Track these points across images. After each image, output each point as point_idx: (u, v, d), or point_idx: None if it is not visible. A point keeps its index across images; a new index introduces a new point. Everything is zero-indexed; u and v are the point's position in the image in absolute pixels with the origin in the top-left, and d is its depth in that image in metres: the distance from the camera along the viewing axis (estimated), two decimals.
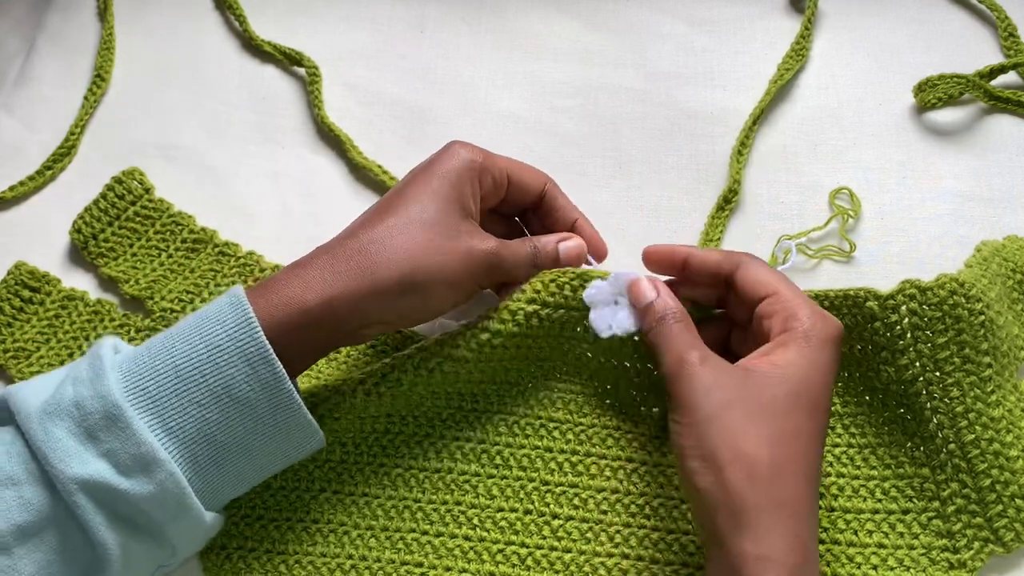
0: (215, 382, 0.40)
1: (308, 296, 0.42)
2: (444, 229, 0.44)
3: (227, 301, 0.41)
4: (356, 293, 0.42)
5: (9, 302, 0.55)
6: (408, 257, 0.43)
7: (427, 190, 0.45)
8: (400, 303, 0.43)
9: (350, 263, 0.43)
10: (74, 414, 0.39)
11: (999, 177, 0.58)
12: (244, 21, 0.67)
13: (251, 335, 0.40)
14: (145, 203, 0.58)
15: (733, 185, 0.57)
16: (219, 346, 0.40)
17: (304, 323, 0.42)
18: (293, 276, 0.43)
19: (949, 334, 0.46)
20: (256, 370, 0.40)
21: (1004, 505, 0.45)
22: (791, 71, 0.61)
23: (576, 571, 0.46)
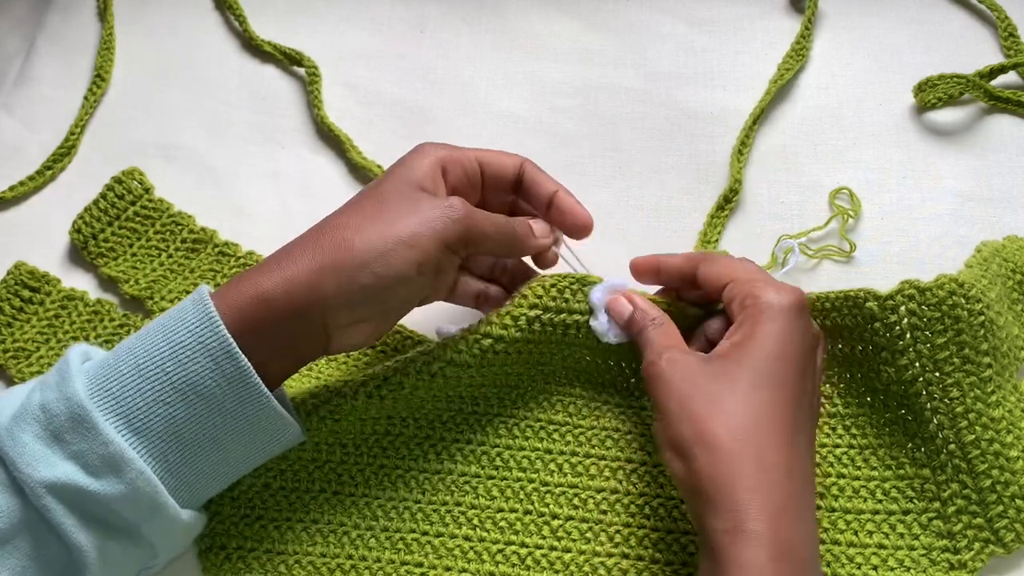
0: (179, 379, 0.39)
1: (265, 282, 0.41)
2: (407, 203, 0.44)
3: (191, 298, 0.41)
4: (312, 271, 0.41)
5: (9, 302, 0.55)
6: (369, 233, 0.42)
7: (388, 179, 0.45)
8: (360, 275, 0.41)
9: (308, 245, 0.42)
10: (40, 418, 0.39)
11: (999, 177, 0.58)
12: (244, 21, 0.67)
13: (212, 329, 0.40)
14: (145, 203, 0.58)
15: (734, 184, 0.57)
16: (181, 343, 0.40)
17: (265, 311, 0.41)
18: (252, 268, 0.42)
19: (948, 334, 0.46)
20: (220, 365, 0.40)
21: (1004, 506, 0.45)
22: (791, 71, 0.61)
23: (576, 571, 0.46)
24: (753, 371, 0.41)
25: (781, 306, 0.43)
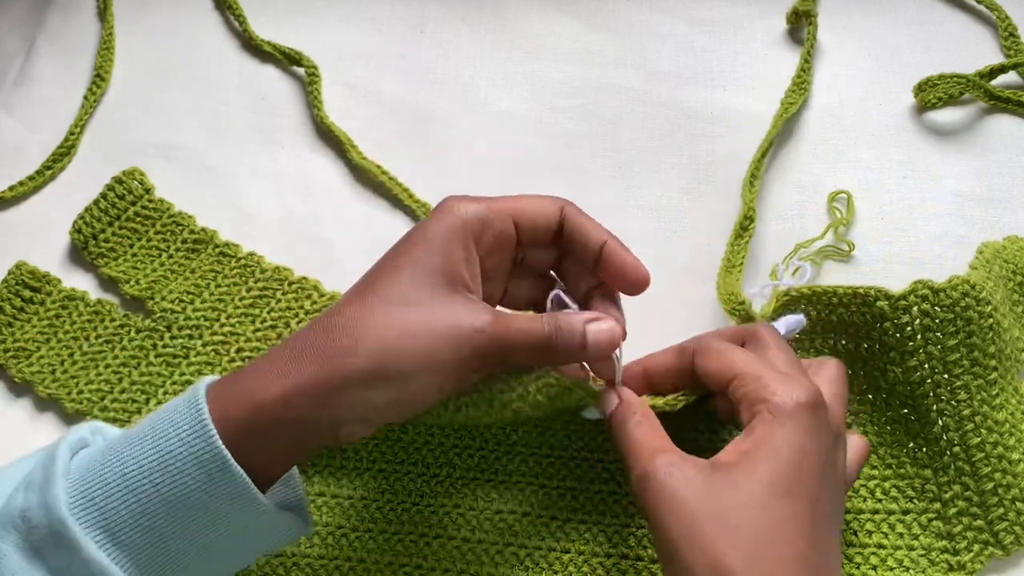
0: (168, 492, 0.36)
1: (263, 392, 0.37)
2: (426, 305, 0.38)
3: (185, 401, 0.37)
4: (317, 385, 0.37)
5: (10, 302, 0.55)
6: (379, 340, 0.37)
7: (408, 260, 0.39)
8: (373, 395, 0.37)
9: (312, 350, 0.37)
10: (20, 526, 0.36)
11: (999, 177, 0.58)
12: (244, 21, 0.67)
13: (206, 439, 0.36)
14: (145, 203, 0.59)
15: (748, 212, 0.55)
16: (171, 452, 0.36)
17: (263, 422, 0.37)
18: (253, 367, 0.38)
19: (960, 336, 0.46)
20: (213, 477, 0.36)
21: (1005, 508, 0.45)
22: (795, 105, 0.60)
23: (575, 572, 0.46)
24: (766, 484, 0.36)
25: (796, 407, 0.37)
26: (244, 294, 0.55)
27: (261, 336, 0.54)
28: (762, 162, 0.58)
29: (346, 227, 0.59)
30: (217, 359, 0.53)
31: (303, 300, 0.55)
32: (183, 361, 0.53)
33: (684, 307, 0.55)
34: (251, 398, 0.37)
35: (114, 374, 0.53)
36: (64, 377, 0.53)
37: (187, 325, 0.54)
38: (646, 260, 0.56)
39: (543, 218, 0.42)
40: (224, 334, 0.54)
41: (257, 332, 0.54)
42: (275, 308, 0.55)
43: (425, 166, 0.61)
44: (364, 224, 0.59)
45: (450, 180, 0.61)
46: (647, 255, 0.56)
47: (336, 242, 0.59)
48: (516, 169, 0.61)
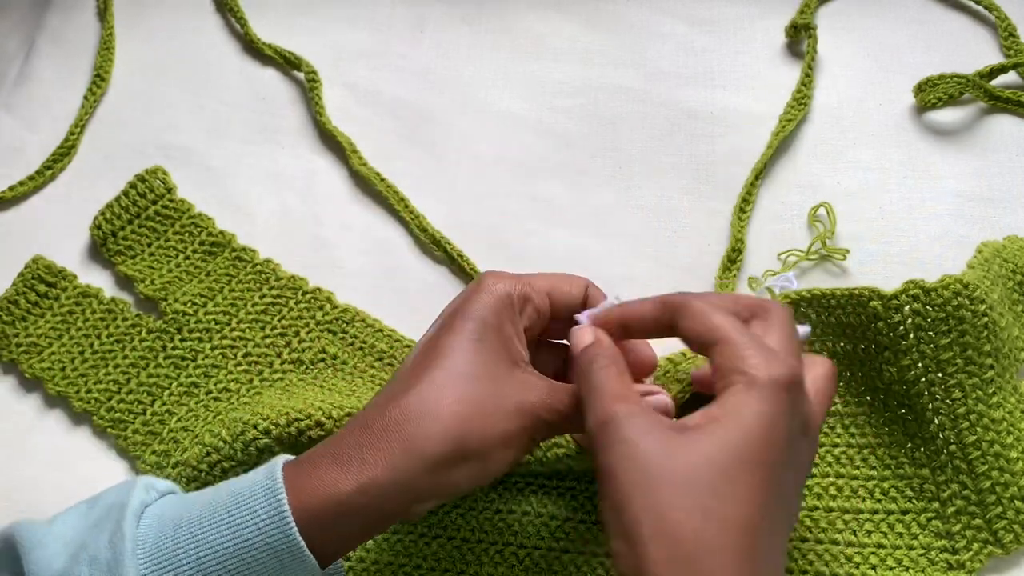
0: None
1: (343, 483, 0.37)
2: (493, 383, 0.39)
3: (262, 486, 0.37)
4: (397, 473, 0.37)
5: (25, 296, 0.55)
6: (458, 424, 0.37)
7: (464, 338, 0.39)
8: (454, 475, 0.37)
9: (390, 440, 0.37)
10: None
11: (999, 177, 0.58)
12: (245, 24, 0.67)
13: (284, 532, 0.36)
14: (166, 203, 0.59)
15: (736, 245, 0.55)
16: (248, 540, 0.36)
17: (339, 512, 0.37)
18: (331, 452, 0.38)
19: (952, 335, 0.46)
20: (285, 565, 0.36)
21: (1004, 507, 0.45)
22: (793, 121, 0.60)
23: (575, 572, 0.46)
24: (728, 450, 0.34)
25: (771, 382, 0.35)
26: (257, 300, 0.55)
27: (270, 343, 0.54)
28: (756, 184, 0.58)
29: (346, 228, 0.59)
30: (224, 363, 0.53)
31: (315, 311, 0.55)
32: (190, 364, 0.53)
33: None
34: (331, 489, 0.37)
35: (123, 374, 0.53)
36: (74, 375, 0.53)
37: (198, 328, 0.54)
38: (646, 260, 0.57)
39: (572, 298, 0.44)
40: (233, 339, 0.54)
41: (266, 339, 0.54)
42: (286, 316, 0.55)
43: (425, 166, 0.62)
44: (364, 226, 0.59)
45: (450, 180, 0.61)
46: (647, 255, 0.57)
47: (336, 243, 0.59)
48: (516, 169, 0.61)
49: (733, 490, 0.34)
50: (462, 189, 0.61)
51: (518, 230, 0.59)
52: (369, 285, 0.57)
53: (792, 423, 0.36)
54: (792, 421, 0.36)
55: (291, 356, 0.54)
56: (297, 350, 0.54)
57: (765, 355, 0.36)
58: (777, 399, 0.35)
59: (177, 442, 0.51)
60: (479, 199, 0.60)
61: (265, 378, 0.53)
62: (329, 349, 0.54)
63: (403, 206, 0.59)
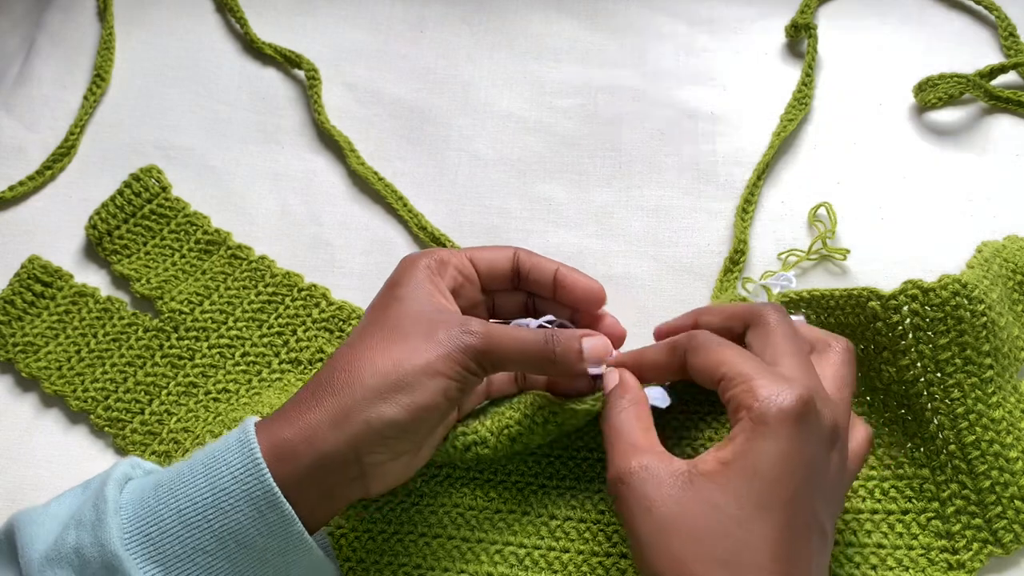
0: (221, 528, 0.38)
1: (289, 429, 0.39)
2: (423, 332, 0.41)
3: (236, 439, 0.39)
4: (334, 415, 0.39)
5: (21, 296, 0.55)
6: (385, 360, 0.40)
7: (395, 306, 0.42)
8: (385, 409, 0.39)
9: (327, 385, 0.40)
10: (74, 562, 0.37)
11: (999, 177, 0.58)
12: (245, 24, 0.67)
13: (258, 477, 0.38)
14: (161, 201, 0.59)
15: (739, 246, 0.55)
16: (224, 489, 0.38)
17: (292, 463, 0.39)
18: (283, 409, 0.40)
19: (951, 335, 0.46)
20: (263, 514, 0.38)
21: (1003, 507, 0.45)
22: (794, 122, 0.60)
23: (574, 571, 0.46)
24: (741, 498, 0.35)
25: (781, 415, 0.35)
26: (253, 298, 0.55)
27: (267, 342, 0.54)
28: (758, 185, 0.58)
29: (345, 228, 0.59)
30: (222, 362, 0.53)
31: (311, 308, 0.55)
32: (188, 363, 0.53)
33: (684, 307, 0.54)
34: (277, 438, 0.39)
35: (119, 373, 0.53)
36: (71, 374, 0.53)
37: (194, 327, 0.54)
38: (646, 260, 0.57)
39: (498, 261, 0.46)
40: (230, 337, 0.54)
41: (264, 338, 0.54)
42: (283, 315, 0.55)
43: (425, 166, 0.62)
44: (363, 225, 0.59)
45: (450, 180, 0.61)
46: (647, 255, 0.57)
47: (335, 243, 0.59)
48: (516, 169, 0.61)
49: (749, 537, 0.34)
50: (462, 189, 0.61)
51: (518, 230, 0.59)
52: (369, 284, 0.57)
53: (808, 447, 0.36)
54: (808, 446, 0.36)
55: (289, 356, 0.54)
56: (295, 349, 0.54)
57: (772, 385, 0.36)
58: (789, 432, 0.36)
59: (178, 443, 0.51)
60: (479, 199, 0.60)
61: (264, 378, 0.53)
62: (327, 348, 0.54)
63: (402, 205, 0.59)
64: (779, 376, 0.37)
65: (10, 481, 0.51)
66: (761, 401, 0.36)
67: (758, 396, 0.36)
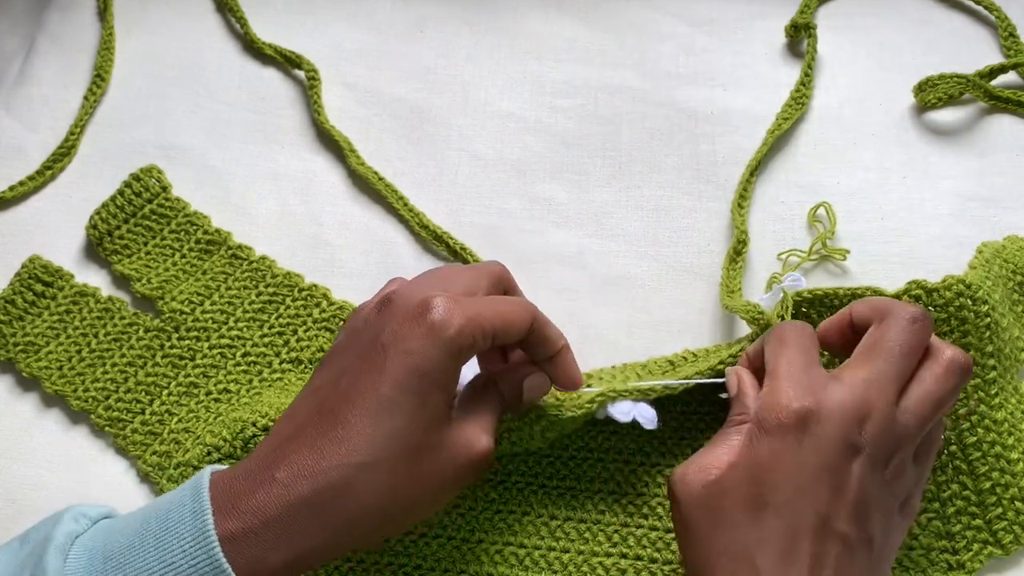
0: None
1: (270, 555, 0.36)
2: (432, 451, 0.38)
3: (190, 503, 0.36)
4: (326, 549, 0.37)
5: (22, 295, 0.55)
6: (394, 500, 0.37)
7: (400, 401, 0.37)
8: (382, 535, 0.40)
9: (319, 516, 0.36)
10: None
11: (999, 177, 0.58)
12: (245, 24, 0.67)
13: (208, 553, 0.35)
14: (162, 201, 0.59)
15: (741, 236, 0.55)
16: (172, 564, 0.35)
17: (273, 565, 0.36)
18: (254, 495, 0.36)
19: (954, 336, 0.46)
20: None
21: (1004, 508, 0.45)
22: (790, 120, 0.60)
23: (574, 571, 0.46)
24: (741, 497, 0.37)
25: (776, 421, 0.37)
26: (254, 298, 0.55)
27: (268, 342, 0.54)
28: (751, 180, 0.58)
29: (346, 228, 0.59)
30: (223, 362, 0.53)
31: (312, 308, 0.55)
32: (189, 363, 0.53)
33: (684, 307, 0.55)
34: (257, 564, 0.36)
35: (120, 373, 0.53)
36: (71, 374, 0.53)
37: (195, 327, 0.54)
38: (646, 260, 0.57)
39: (517, 335, 0.41)
40: (231, 338, 0.54)
41: (264, 338, 0.54)
42: (283, 315, 0.55)
43: (425, 166, 0.62)
44: (364, 226, 0.59)
45: (450, 180, 0.61)
46: (647, 255, 0.57)
47: (336, 243, 0.59)
48: (516, 169, 0.61)
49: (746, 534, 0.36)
50: (462, 189, 0.61)
51: (518, 230, 0.59)
52: (369, 284, 0.57)
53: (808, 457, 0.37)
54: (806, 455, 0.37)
55: (290, 355, 0.54)
56: (295, 349, 0.54)
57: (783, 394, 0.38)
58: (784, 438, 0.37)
59: (179, 443, 0.51)
60: (479, 199, 0.60)
61: (264, 378, 0.53)
62: (327, 348, 0.54)
63: (402, 204, 0.59)
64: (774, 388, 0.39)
65: (10, 481, 0.51)
66: (760, 406, 0.38)
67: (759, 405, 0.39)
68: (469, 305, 0.38)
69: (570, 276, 0.57)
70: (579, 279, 0.56)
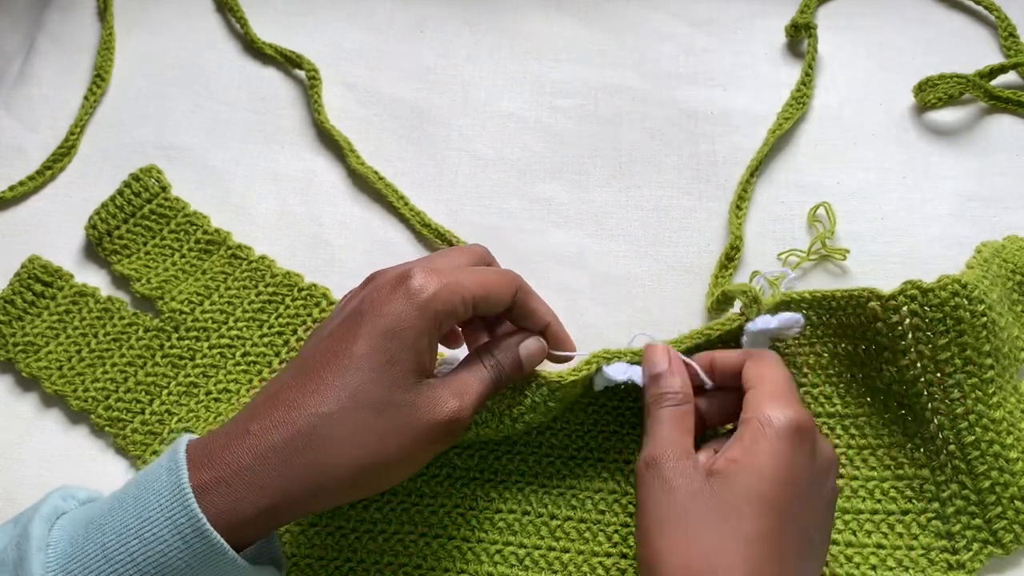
0: (144, 561, 0.35)
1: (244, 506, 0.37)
2: (404, 407, 0.39)
3: (166, 461, 0.37)
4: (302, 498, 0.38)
5: (22, 295, 0.55)
6: (362, 453, 0.38)
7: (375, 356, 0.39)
8: (355, 492, 0.39)
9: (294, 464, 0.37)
10: None
11: (999, 177, 0.58)
12: (245, 24, 0.67)
13: (183, 504, 0.36)
14: (161, 201, 0.59)
15: (735, 242, 0.55)
16: (150, 519, 0.36)
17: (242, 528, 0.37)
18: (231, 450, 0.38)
19: (951, 335, 0.46)
20: (189, 544, 0.36)
21: (1003, 507, 0.45)
22: (790, 120, 0.60)
23: (574, 571, 0.46)
24: (745, 493, 0.38)
25: (779, 426, 0.39)
26: (253, 298, 0.55)
27: (268, 342, 0.54)
28: (751, 182, 0.58)
29: (345, 228, 0.59)
30: (222, 362, 0.53)
31: (311, 308, 0.55)
32: (188, 363, 0.53)
33: (684, 307, 0.55)
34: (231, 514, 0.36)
35: (120, 373, 0.53)
36: (71, 374, 0.53)
37: (195, 327, 0.54)
38: (646, 260, 0.57)
39: (501, 298, 0.43)
40: (231, 338, 0.54)
41: (264, 338, 0.54)
42: (283, 314, 0.55)
43: (425, 166, 0.62)
44: (364, 225, 0.59)
45: (450, 180, 0.61)
46: (647, 255, 0.57)
47: (335, 243, 0.59)
48: (516, 169, 0.61)
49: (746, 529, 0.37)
50: (462, 189, 0.61)
51: (518, 230, 0.59)
52: None
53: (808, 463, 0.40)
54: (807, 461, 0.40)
55: (289, 355, 0.54)
56: (295, 349, 0.54)
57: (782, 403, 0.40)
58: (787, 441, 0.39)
59: None
60: (479, 199, 0.60)
61: (264, 378, 0.53)
62: None
63: (403, 204, 0.59)
64: (789, 400, 0.41)
65: (10, 481, 0.51)
66: (767, 411, 0.40)
67: (766, 407, 0.40)
68: (448, 273, 0.40)
69: (570, 276, 0.57)
70: (579, 279, 0.57)
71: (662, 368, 0.44)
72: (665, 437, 0.41)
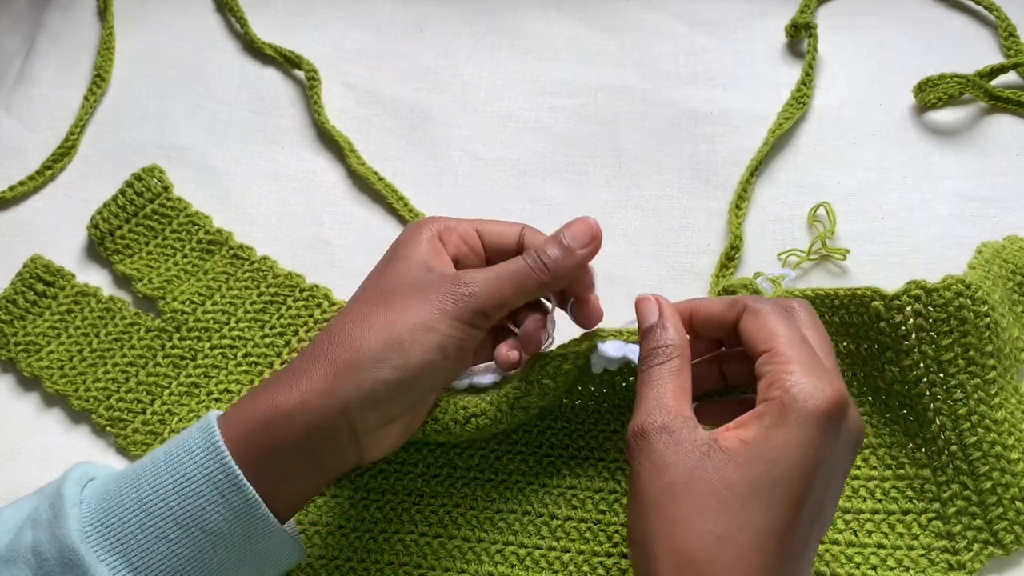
0: (183, 515, 0.37)
1: (280, 399, 0.38)
2: (408, 285, 0.41)
3: (198, 426, 0.39)
4: (327, 376, 0.38)
5: (23, 295, 0.55)
6: (372, 318, 0.40)
7: (392, 270, 0.42)
8: (380, 371, 0.38)
9: (316, 352, 0.39)
10: (31, 561, 0.36)
11: (999, 177, 0.58)
12: (245, 24, 0.67)
13: (218, 460, 0.37)
14: (163, 201, 0.59)
15: (735, 242, 0.55)
16: (186, 475, 0.37)
17: (281, 431, 0.38)
18: (266, 384, 0.40)
19: (954, 336, 0.46)
20: (227, 498, 0.37)
21: (1004, 508, 0.45)
22: (791, 120, 0.60)
23: (575, 571, 0.46)
24: (755, 481, 0.34)
25: (814, 411, 0.35)
26: (255, 299, 0.55)
27: (269, 342, 0.54)
28: (751, 181, 0.58)
29: (345, 228, 0.59)
30: (224, 363, 0.53)
31: (312, 308, 0.55)
32: (190, 363, 0.53)
33: None
34: (268, 407, 0.38)
35: (121, 373, 0.53)
36: (72, 374, 0.53)
37: (196, 327, 0.54)
38: (646, 260, 0.57)
39: (505, 236, 0.45)
40: (232, 338, 0.54)
41: (265, 338, 0.54)
42: (284, 315, 0.55)
43: (425, 166, 0.62)
44: (363, 225, 0.59)
45: (450, 180, 0.61)
46: (647, 255, 0.57)
47: (335, 243, 0.59)
48: (516, 169, 0.61)
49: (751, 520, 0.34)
50: (462, 189, 0.61)
51: None
52: None
53: (831, 451, 0.35)
54: (831, 449, 0.35)
55: (291, 357, 0.54)
56: (296, 350, 0.54)
57: (814, 376, 0.36)
58: (817, 430, 0.35)
59: None
60: (479, 199, 0.60)
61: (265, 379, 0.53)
62: None
63: (403, 205, 0.59)
64: (822, 370, 0.36)
65: (10, 481, 0.51)
66: (798, 390, 0.35)
67: (796, 383, 0.35)
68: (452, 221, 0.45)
69: None
70: None
71: (652, 320, 0.40)
72: (655, 402, 0.37)
